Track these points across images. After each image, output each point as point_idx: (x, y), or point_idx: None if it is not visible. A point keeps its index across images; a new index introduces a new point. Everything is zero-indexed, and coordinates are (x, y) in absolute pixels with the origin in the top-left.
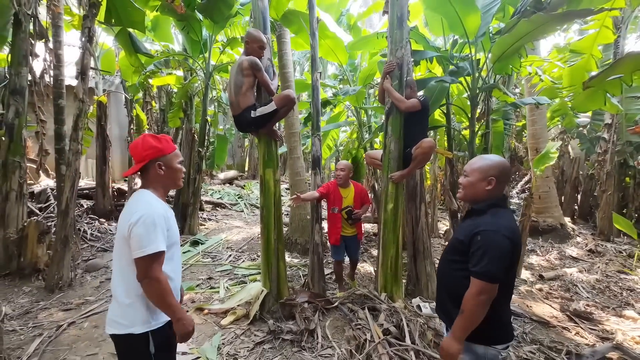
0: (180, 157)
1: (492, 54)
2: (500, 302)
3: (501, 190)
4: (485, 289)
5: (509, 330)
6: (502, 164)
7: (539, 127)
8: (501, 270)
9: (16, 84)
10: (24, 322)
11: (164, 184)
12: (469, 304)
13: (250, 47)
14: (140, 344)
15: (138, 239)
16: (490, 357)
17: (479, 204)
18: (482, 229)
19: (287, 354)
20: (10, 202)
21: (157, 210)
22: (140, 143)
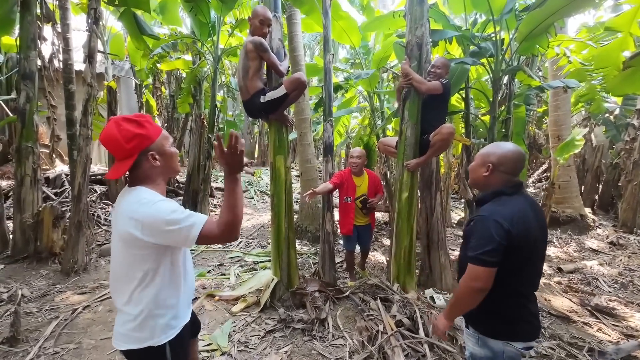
0: (170, 138)
1: (519, 33)
2: (515, 294)
3: (502, 178)
4: (476, 273)
5: (530, 327)
6: (506, 153)
7: (562, 113)
8: (489, 255)
9: (26, 68)
10: (41, 304)
11: (162, 175)
12: (460, 287)
13: (252, 24)
14: (159, 356)
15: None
16: (508, 356)
17: (484, 192)
18: (476, 215)
19: (298, 342)
20: (25, 187)
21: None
22: (117, 133)
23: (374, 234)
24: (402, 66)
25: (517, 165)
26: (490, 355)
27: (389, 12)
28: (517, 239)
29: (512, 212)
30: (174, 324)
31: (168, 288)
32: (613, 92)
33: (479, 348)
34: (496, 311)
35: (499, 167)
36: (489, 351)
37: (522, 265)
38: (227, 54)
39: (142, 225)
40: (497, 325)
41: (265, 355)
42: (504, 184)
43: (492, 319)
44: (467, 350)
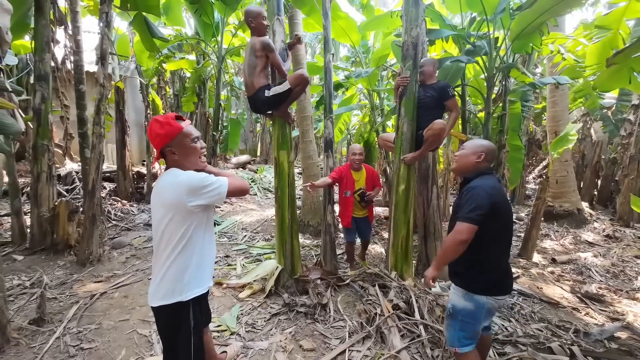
0: (192, 135)
1: (511, 31)
2: (495, 255)
3: (486, 164)
4: (461, 229)
5: (508, 283)
6: (490, 145)
7: (559, 109)
8: (475, 214)
9: (40, 70)
10: (61, 291)
11: (185, 166)
12: (447, 240)
13: (256, 23)
14: (184, 312)
15: (195, 188)
16: (488, 306)
17: (470, 175)
18: (468, 187)
19: (301, 324)
20: (42, 183)
21: (198, 174)
22: (149, 131)
23: (375, 227)
24: None
25: (494, 156)
26: (472, 308)
27: (387, 12)
28: (498, 205)
29: (493, 186)
30: (201, 283)
31: (199, 253)
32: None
33: (464, 301)
34: (481, 270)
35: (487, 156)
36: (473, 304)
37: (501, 231)
38: (230, 53)
39: (186, 190)
40: (483, 283)
41: (271, 335)
42: (484, 168)
43: (478, 277)
44: (450, 302)
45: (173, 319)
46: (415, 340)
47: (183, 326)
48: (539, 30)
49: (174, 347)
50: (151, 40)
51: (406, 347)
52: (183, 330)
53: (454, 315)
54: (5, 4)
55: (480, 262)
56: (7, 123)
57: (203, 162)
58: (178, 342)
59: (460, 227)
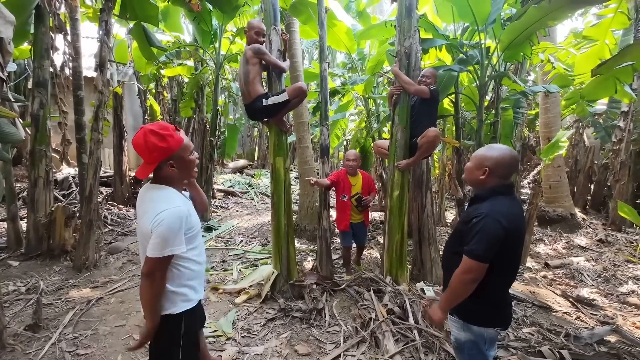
0: (190, 147)
1: (502, 42)
2: (498, 286)
3: (497, 181)
4: (471, 267)
5: (507, 315)
6: (501, 157)
7: (551, 116)
8: (488, 252)
9: (39, 76)
10: (57, 296)
11: (180, 179)
12: (455, 279)
13: (248, 36)
14: (176, 324)
15: (158, 241)
16: (489, 337)
17: (481, 192)
18: (477, 213)
19: (297, 329)
20: (39, 188)
21: (180, 210)
22: (143, 143)
23: (371, 232)
24: (392, 68)
25: (511, 169)
26: (473, 339)
27: (381, 22)
28: (511, 237)
29: (508, 211)
30: (190, 297)
31: (186, 269)
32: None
33: (463, 332)
34: (480, 301)
35: (495, 172)
36: (472, 335)
37: (507, 261)
38: (228, 60)
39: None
40: (480, 313)
41: (266, 340)
42: (498, 185)
43: (476, 308)
44: (452, 335)
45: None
46: (409, 345)
47: (174, 338)
48: (529, 40)
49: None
50: (149, 49)
51: (400, 351)
52: (175, 342)
53: (461, 349)
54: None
55: (479, 293)
56: (9, 132)
57: (195, 173)
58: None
59: (469, 264)
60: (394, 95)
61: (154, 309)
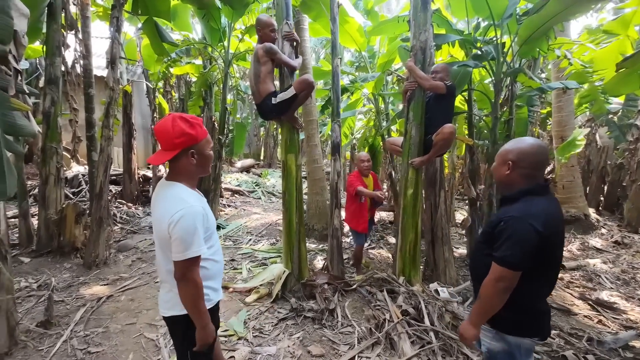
0: (211, 143)
1: (519, 37)
2: (534, 293)
3: (524, 174)
4: (503, 275)
5: (545, 324)
6: (524, 148)
7: (565, 114)
8: (520, 258)
9: (51, 73)
10: (68, 294)
11: (195, 173)
12: (485, 290)
13: (262, 33)
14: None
15: (178, 243)
16: (526, 347)
17: (511, 192)
18: (507, 216)
19: (309, 330)
20: (50, 186)
21: (194, 209)
22: (170, 127)
23: (379, 232)
24: (407, 63)
25: (538, 159)
26: (507, 349)
27: (393, 17)
28: (546, 241)
29: (543, 213)
30: (211, 297)
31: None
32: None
33: (496, 343)
34: (514, 309)
35: (519, 164)
36: (506, 345)
37: (545, 266)
38: (236, 58)
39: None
40: (515, 321)
41: (279, 340)
42: (528, 182)
43: (509, 316)
44: (484, 346)
45: (181, 329)
46: (425, 348)
47: (191, 337)
48: (546, 36)
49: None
50: (161, 45)
51: (417, 354)
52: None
53: None
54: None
55: (513, 300)
56: (22, 124)
57: (210, 170)
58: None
59: (500, 272)
60: (408, 91)
61: (197, 310)
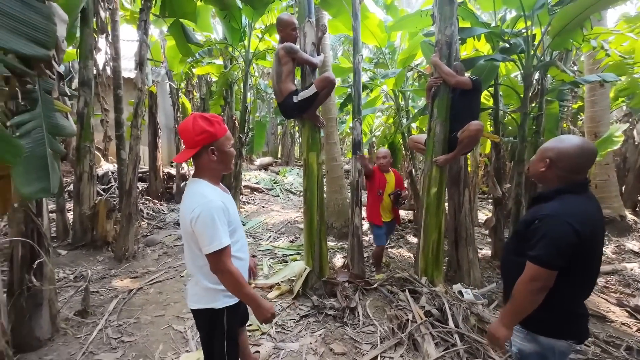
0: (231, 140)
1: (552, 27)
2: (573, 294)
3: (560, 175)
4: (538, 274)
5: (582, 327)
6: (567, 147)
7: (599, 109)
8: (556, 257)
9: (84, 76)
10: (101, 285)
11: (217, 169)
12: (519, 289)
13: (284, 33)
14: (218, 318)
15: (201, 238)
16: (560, 350)
17: (545, 190)
18: (542, 214)
19: (331, 327)
20: (83, 183)
21: (214, 204)
22: (191, 126)
23: (399, 231)
24: (432, 59)
25: (580, 162)
26: (540, 351)
27: (415, 11)
28: (585, 241)
29: (581, 212)
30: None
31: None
32: None
33: (527, 343)
34: (548, 309)
35: (557, 163)
36: (539, 346)
37: (583, 268)
38: (256, 57)
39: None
40: (548, 322)
41: (301, 337)
42: (564, 182)
43: (543, 316)
44: (514, 346)
45: (207, 323)
46: (450, 350)
47: (217, 331)
48: (582, 26)
49: (210, 349)
50: (187, 46)
51: (441, 356)
52: (217, 335)
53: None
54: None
55: (547, 300)
56: (64, 125)
57: (232, 167)
58: (214, 344)
59: (535, 272)
60: (432, 87)
61: (243, 295)
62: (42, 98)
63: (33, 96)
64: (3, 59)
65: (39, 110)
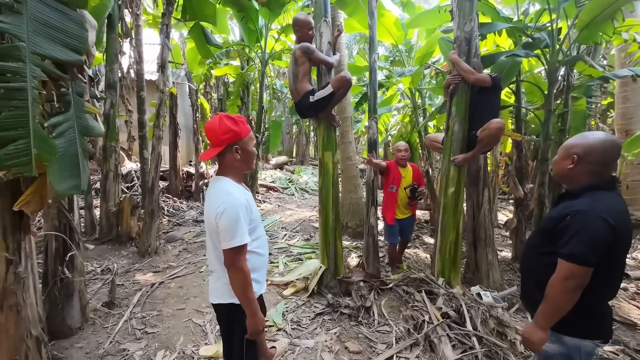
0: (254, 140)
1: (579, 20)
2: (600, 292)
3: (590, 170)
4: (573, 272)
5: (607, 325)
6: (593, 143)
7: (631, 106)
8: (592, 253)
9: (110, 79)
10: (126, 278)
11: (240, 168)
12: (554, 289)
13: (301, 33)
14: (238, 313)
15: (224, 233)
16: (586, 350)
17: (574, 187)
18: (573, 210)
19: (346, 326)
20: (109, 181)
21: (238, 201)
22: (217, 125)
23: (415, 231)
24: (451, 56)
25: (608, 155)
26: (565, 351)
27: (433, 8)
28: (619, 237)
29: (614, 208)
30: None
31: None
32: None
33: (551, 344)
34: (578, 309)
35: (585, 158)
36: (564, 347)
37: (614, 264)
38: (272, 57)
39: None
40: (574, 322)
41: (316, 334)
42: (594, 177)
43: (568, 316)
44: None
45: (228, 317)
46: (468, 353)
47: (237, 325)
48: (612, 18)
49: (230, 342)
50: (207, 47)
51: (459, 359)
52: (236, 329)
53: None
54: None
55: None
56: (93, 126)
57: (253, 166)
58: (233, 338)
59: (570, 269)
60: (450, 85)
61: (246, 297)
62: (75, 100)
63: (66, 99)
64: (42, 65)
65: (72, 112)
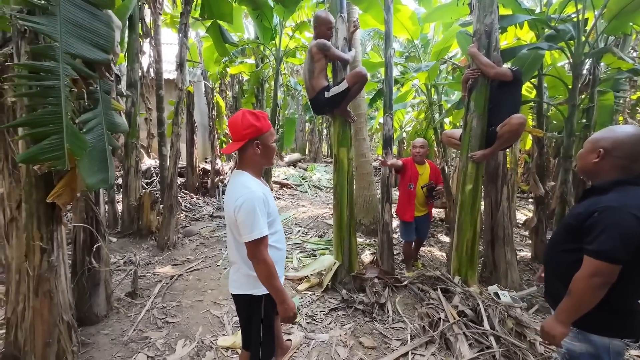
0: (275, 136)
1: (607, 10)
2: (630, 290)
3: (617, 164)
4: (600, 269)
5: (638, 324)
6: (622, 137)
7: None
8: (621, 251)
9: (131, 78)
10: (147, 270)
11: (260, 163)
12: (578, 285)
13: (320, 30)
14: (257, 304)
15: (243, 225)
16: (615, 351)
17: (601, 182)
18: (601, 206)
19: (360, 322)
20: (131, 176)
21: (255, 194)
22: (240, 120)
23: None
24: (470, 49)
25: (636, 149)
26: (593, 351)
27: (451, 0)
28: None
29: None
30: None
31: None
32: None
33: (578, 343)
34: (606, 307)
35: (612, 152)
36: (591, 346)
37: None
38: (286, 55)
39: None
40: (603, 320)
41: (330, 329)
42: (621, 172)
43: (595, 314)
44: (563, 346)
45: (246, 308)
46: (485, 352)
47: (255, 316)
48: None
49: (248, 332)
50: (223, 46)
51: (475, 357)
52: (255, 320)
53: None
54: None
55: (606, 297)
56: (119, 122)
57: (273, 161)
58: (251, 328)
59: (597, 266)
60: (469, 80)
61: (272, 287)
62: (102, 98)
63: (95, 96)
64: (73, 64)
65: (100, 109)
